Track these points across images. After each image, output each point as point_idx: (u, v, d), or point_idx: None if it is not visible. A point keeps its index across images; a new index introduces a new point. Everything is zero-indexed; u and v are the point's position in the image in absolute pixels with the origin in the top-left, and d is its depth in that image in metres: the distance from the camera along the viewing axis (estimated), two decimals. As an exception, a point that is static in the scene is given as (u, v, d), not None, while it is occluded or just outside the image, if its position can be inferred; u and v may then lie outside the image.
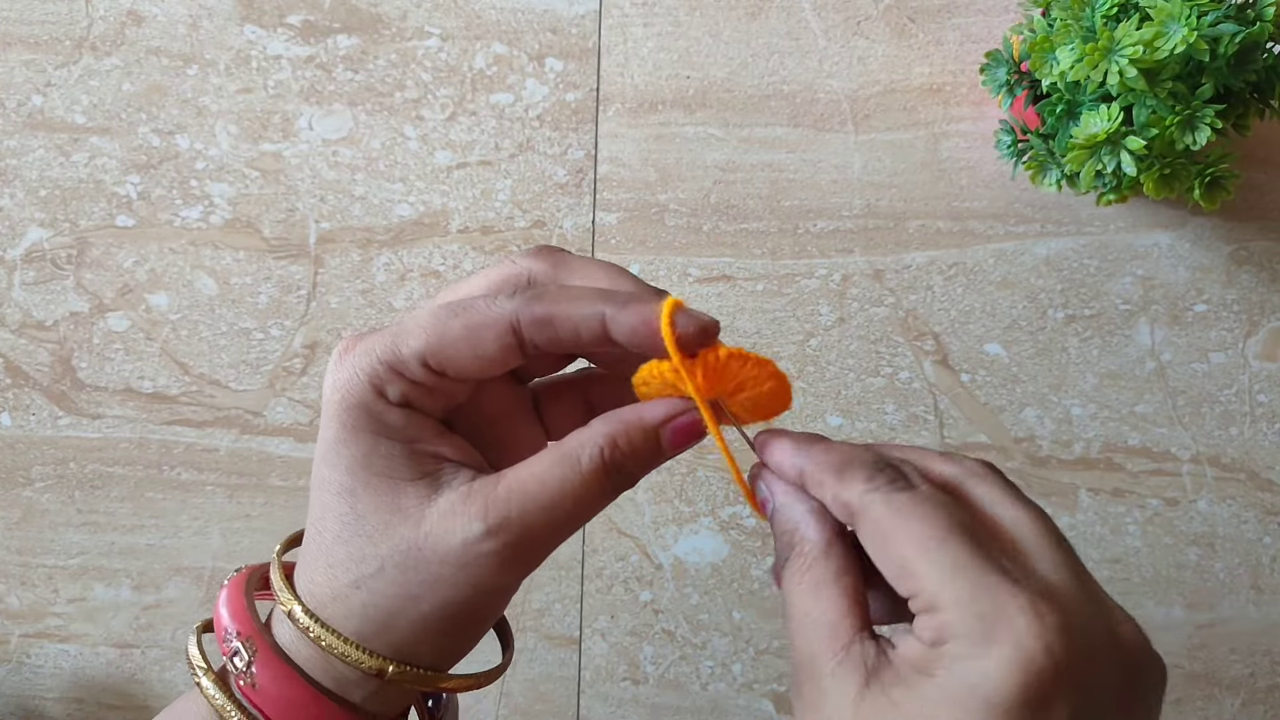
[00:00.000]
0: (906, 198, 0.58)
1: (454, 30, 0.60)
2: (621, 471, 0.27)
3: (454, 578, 0.26)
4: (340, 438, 0.27)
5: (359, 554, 0.27)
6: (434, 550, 0.26)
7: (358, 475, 0.27)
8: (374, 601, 0.27)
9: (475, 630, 0.29)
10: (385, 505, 0.27)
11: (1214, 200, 0.49)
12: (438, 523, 0.26)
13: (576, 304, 0.27)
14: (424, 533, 0.26)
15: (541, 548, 0.27)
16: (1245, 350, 0.57)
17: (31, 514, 0.63)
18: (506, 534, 0.26)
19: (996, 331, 0.58)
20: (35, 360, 0.62)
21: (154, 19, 0.61)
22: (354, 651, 0.27)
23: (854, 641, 0.25)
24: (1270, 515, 0.58)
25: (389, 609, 0.27)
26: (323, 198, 0.60)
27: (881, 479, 0.26)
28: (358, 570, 0.27)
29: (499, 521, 0.26)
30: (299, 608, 0.27)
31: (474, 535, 0.26)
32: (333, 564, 0.27)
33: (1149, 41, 0.43)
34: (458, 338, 0.26)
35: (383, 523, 0.27)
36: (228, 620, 0.28)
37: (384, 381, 0.27)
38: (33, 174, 0.61)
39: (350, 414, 0.27)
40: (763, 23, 0.58)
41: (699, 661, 0.60)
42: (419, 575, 0.26)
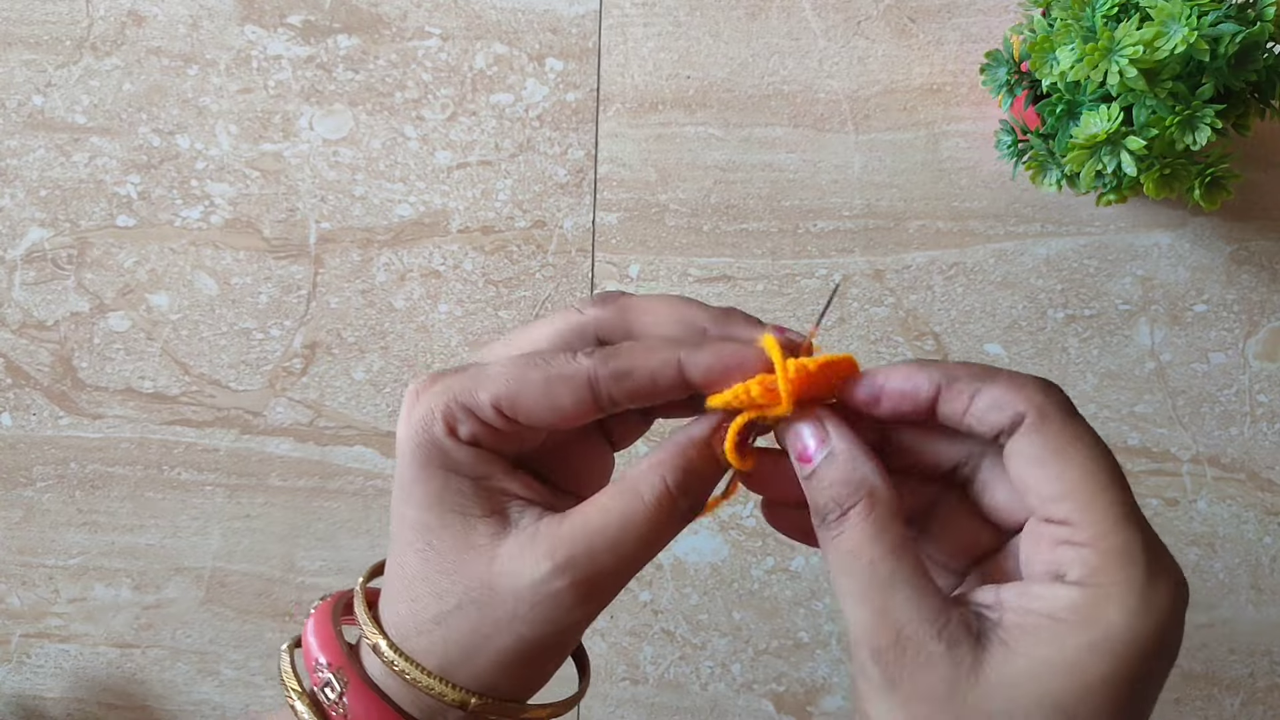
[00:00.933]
0: (907, 198, 0.58)
1: (454, 30, 0.60)
2: (689, 496, 0.27)
3: (527, 616, 0.27)
4: (415, 476, 0.28)
5: (438, 590, 0.28)
6: (506, 589, 0.27)
7: (433, 511, 0.28)
8: (454, 638, 0.27)
9: (553, 663, 0.29)
10: (459, 542, 0.27)
11: (1214, 200, 0.49)
12: (507, 563, 0.27)
13: (651, 354, 0.27)
14: (496, 572, 0.27)
15: (611, 583, 0.27)
16: (1245, 350, 0.57)
17: (32, 514, 0.63)
18: (574, 572, 0.26)
19: (997, 331, 0.58)
20: (36, 360, 0.62)
21: (154, 19, 0.61)
22: (438, 685, 0.27)
23: (950, 606, 0.24)
24: (1270, 515, 0.58)
25: (468, 645, 0.27)
26: (323, 198, 0.60)
27: (1056, 394, 0.25)
28: (438, 606, 0.27)
29: (566, 560, 0.26)
30: (384, 642, 0.28)
31: (542, 575, 0.26)
32: (415, 599, 0.28)
33: (1149, 41, 0.43)
34: (535, 390, 0.27)
35: (458, 559, 0.27)
36: (317, 651, 0.29)
37: (456, 420, 0.27)
38: (33, 174, 0.61)
39: (423, 450, 0.27)
40: (763, 23, 0.58)
41: (698, 662, 0.60)
42: (494, 613, 0.27)
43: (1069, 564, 0.23)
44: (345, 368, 0.61)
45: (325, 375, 0.61)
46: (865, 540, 0.25)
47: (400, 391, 0.60)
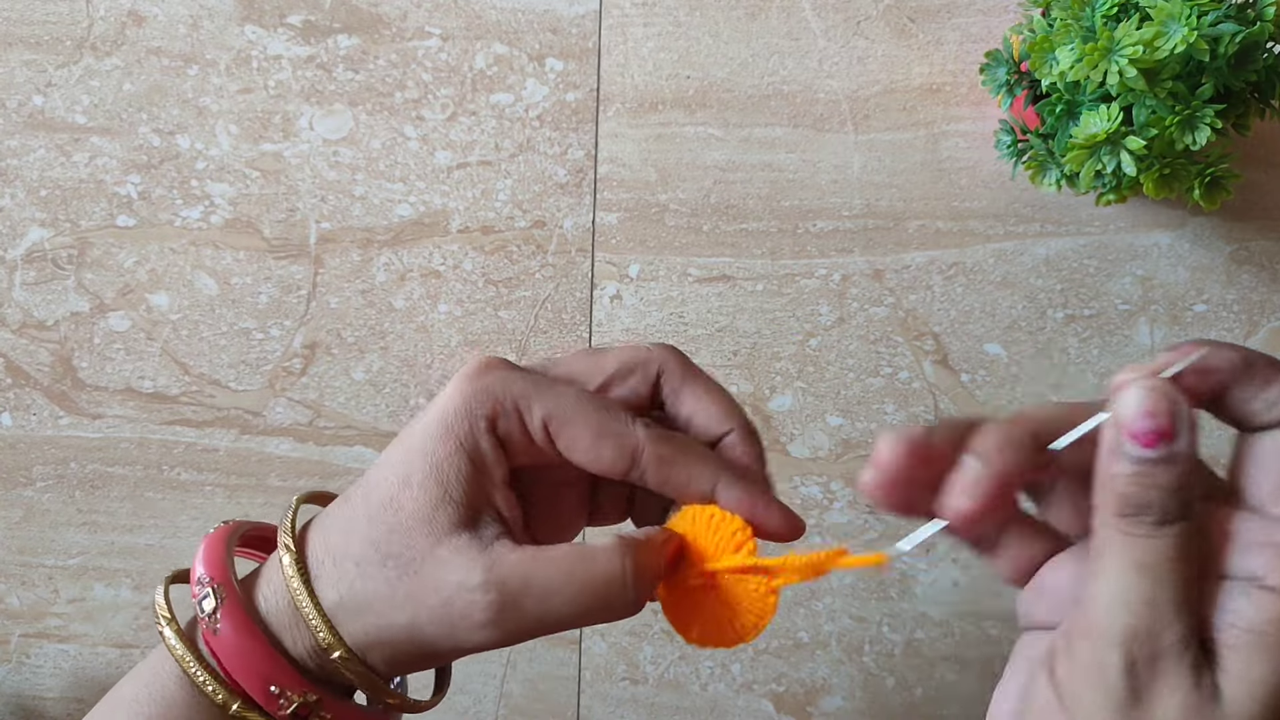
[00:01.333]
0: (906, 198, 0.58)
1: (454, 30, 0.60)
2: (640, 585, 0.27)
3: (435, 611, 0.27)
4: (433, 433, 0.28)
5: (376, 538, 0.28)
6: (431, 575, 0.27)
7: (422, 471, 0.28)
8: (360, 588, 0.28)
9: (428, 662, 0.29)
10: (422, 512, 0.28)
11: (1214, 200, 0.49)
12: (449, 554, 0.27)
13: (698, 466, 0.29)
14: (435, 555, 0.27)
15: (526, 625, 0.27)
16: (1245, 350, 0.57)
17: (32, 514, 0.63)
18: (499, 594, 0.27)
19: (996, 331, 0.58)
20: (36, 360, 0.62)
21: (154, 19, 0.61)
22: (317, 619, 0.28)
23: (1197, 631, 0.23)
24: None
25: (368, 602, 0.28)
26: (323, 198, 0.60)
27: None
28: (365, 551, 0.28)
29: (499, 580, 0.27)
30: (290, 557, 0.28)
31: (470, 581, 0.27)
32: (350, 533, 0.28)
33: (1149, 41, 0.43)
34: (588, 430, 0.28)
35: (412, 524, 0.27)
36: (200, 564, 0.29)
37: (501, 413, 0.28)
38: (33, 174, 0.61)
39: (457, 419, 0.28)
40: (763, 23, 0.58)
41: (698, 662, 0.60)
42: (406, 589, 0.27)
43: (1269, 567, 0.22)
44: (345, 368, 0.61)
45: (325, 375, 0.61)
46: (1175, 556, 0.23)
47: (401, 392, 0.60)
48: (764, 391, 0.59)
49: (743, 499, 0.29)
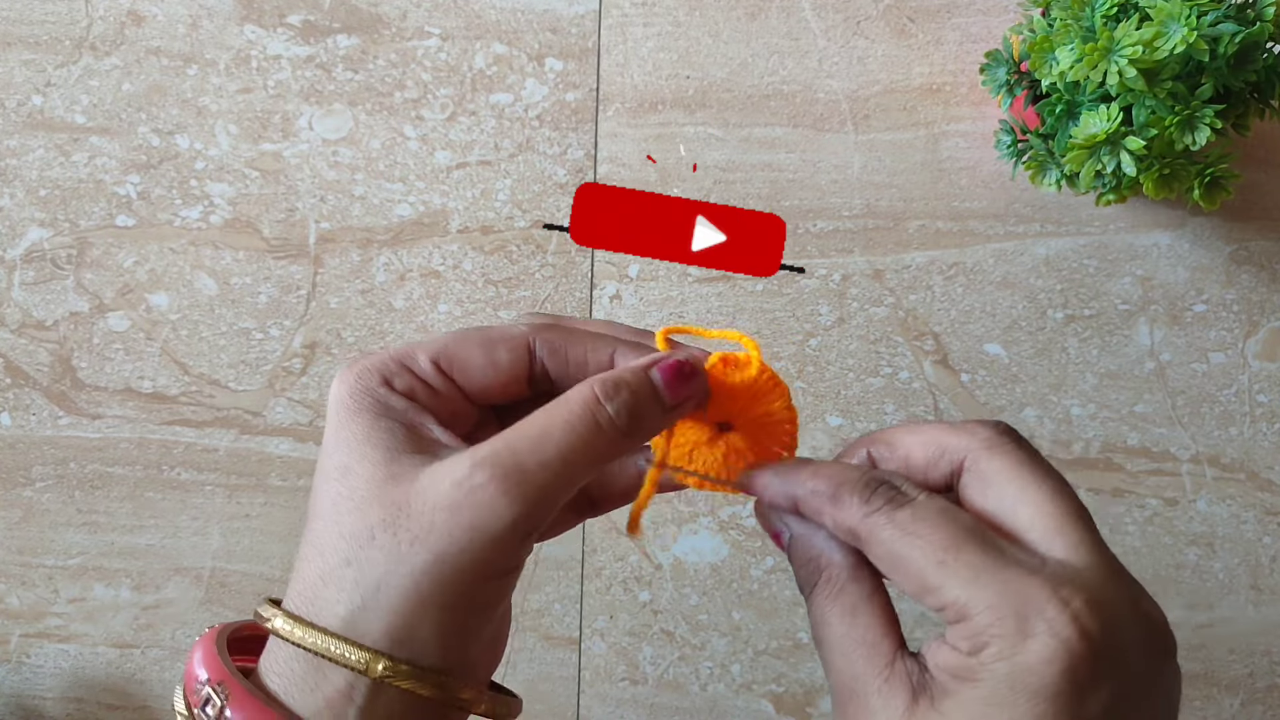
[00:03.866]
0: (906, 198, 0.58)
1: (454, 30, 0.60)
2: (615, 402, 0.26)
3: (444, 524, 0.24)
4: (340, 421, 0.27)
5: (349, 528, 0.25)
6: (423, 501, 0.25)
7: (354, 450, 0.26)
8: (365, 575, 0.25)
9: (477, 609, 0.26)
10: (379, 473, 0.25)
11: (1214, 200, 0.49)
12: (429, 477, 0.25)
13: (591, 337, 0.28)
14: (415, 489, 0.25)
15: (535, 480, 0.25)
16: (1245, 350, 0.57)
17: (32, 514, 0.63)
18: (495, 467, 0.25)
19: (996, 331, 0.58)
20: (35, 360, 0.62)
21: (154, 19, 0.61)
22: (338, 644, 0.24)
23: (896, 660, 0.25)
24: (1269, 515, 0.58)
25: (380, 578, 0.24)
26: (322, 198, 0.60)
27: (878, 499, 0.25)
28: (348, 545, 0.25)
29: (487, 454, 0.25)
30: (280, 619, 0.25)
31: (461, 473, 0.25)
32: (323, 549, 0.25)
33: (1149, 41, 0.43)
34: (471, 346, 0.27)
35: (375, 491, 0.25)
36: (197, 667, 0.26)
37: (391, 374, 0.27)
38: (33, 174, 0.61)
39: (354, 399, 0.27)
40: (762, 23, 0.58)
41: (698, 662, 0.60)
42: (408, 532, 0.24)
43: (959, 639, 0.23)
44: (345, 368, 0.61)
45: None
46: (824, 609, 0.26)
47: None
48: (764, 391, 0.59)
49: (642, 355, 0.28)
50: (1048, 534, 0.24)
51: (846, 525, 0.26)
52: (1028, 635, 0.22)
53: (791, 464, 0.28)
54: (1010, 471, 0.26)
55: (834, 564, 0.27)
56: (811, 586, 0.27)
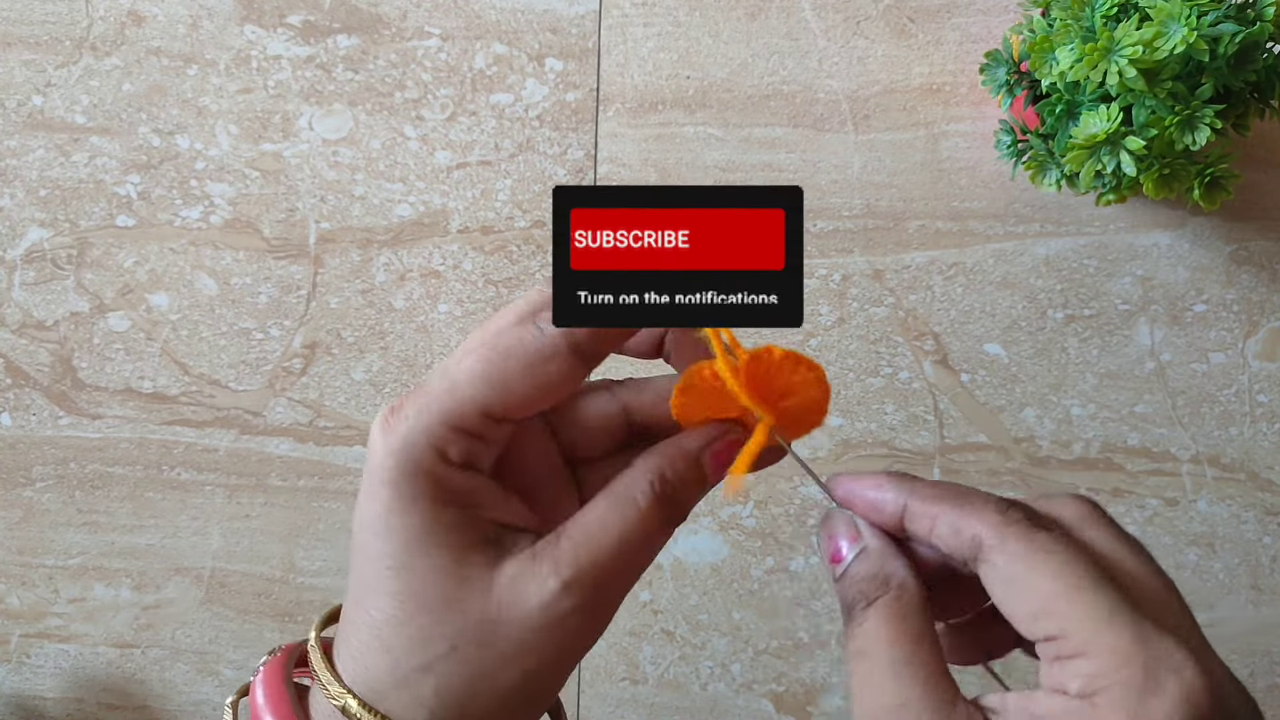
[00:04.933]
0: (906, 198, 0.58)
1: (454, 30, 0.60)
2: (675, 502, 0.26)
3: (536, 644, 0.24)
4: (395, 508, 0.25)
5: (423, 635, 0.24)
6: (512, 619, 0.24)
7: (415, 549, 0.25)
8: (447, 685, 0.24)
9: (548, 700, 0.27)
10: (449, 579, 0.25)
11: (1214, 200, 0.49)
12: (509, 589, 0.24)
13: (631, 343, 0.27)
14: (497, 602, 0.24)
15: (616, 595, 0.26)
16: (1245, 350, 0.57)
17: (32, 514, 0.63)
18: (582, 588, 0.25)
19: (996, 331, 0.58)
20: (36, 360, 0.62)
21: (154, 19, 0.61)
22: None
23: (959, 701, 0.24)
24: (1270, 515, 0.58)
25: (466, 691, 0.24)
26: (323, 198, 0.60)
27: (1016, 513, 0.25)
28: (425, 653, 0.24)
29: (573, 575, 0.24)
30: (354, 702, 0.25)
31: (550, 594, 0.24)
32: (392, 649, 0.25)
33: (1149, 41, 0.43)
34: (520, 378, 0.25)
35: (447, 598, 0.24)
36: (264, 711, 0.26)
37: (446, 443, 0.25)
38: (33, 174, 0.61)
39: (409, 482, 0.25)
40: (762, 23, 0.58)
41: (698, 662, 0.60)
42: (498, 649, 0.24)
43: (1069, 678, 0.22)
44: (345, 368, 0.61)
45: (325, 375, 0.61)
46: (886, 628, 0.25)
47: (401, 391, 0.60)
48: (764, 391, 0.59)
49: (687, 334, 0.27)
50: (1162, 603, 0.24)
51: (972, 532, 0.25)
52: (1156, 691, 0.21)
53: (896, 473, 0.27)
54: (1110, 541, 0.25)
55: (908, 586, 0.26)
56: (870, 601, 0.26)
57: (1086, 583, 0.23)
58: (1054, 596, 0.23)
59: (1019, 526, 0.24)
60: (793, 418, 0.28)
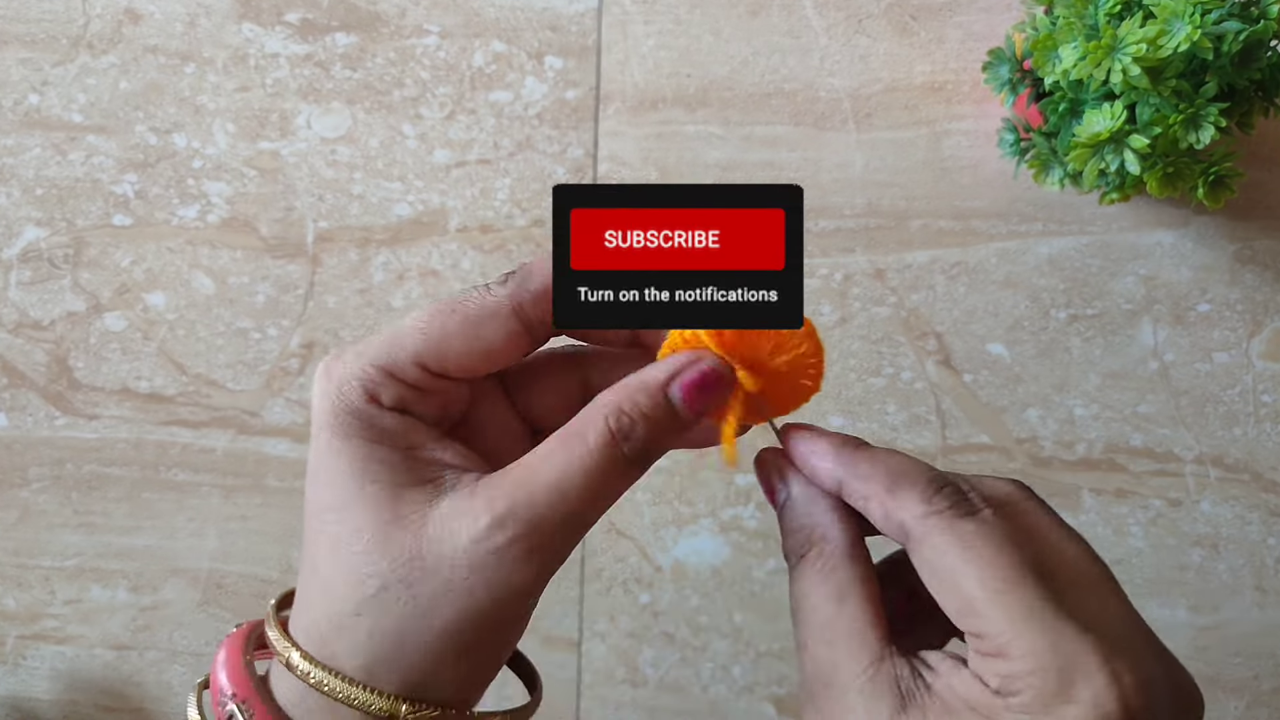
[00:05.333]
0: (908, 196, 0.58)
1: (453, 28, 0.59)
2: (632, 440, 0.24)
3: (467, 583, 0.24)
4: (330, 448, 0.25)
5: (357, 575, 0.24)
6: (440, 555, 0.24)
7: (350, 488, 0.25)
8: (380, 627, 0.24)
9: (497, 650, 0.26)
10: (383, 517, 0.24)
11: (1218, 199, 0.49)
12: (441, 525, 0.24)
13: None
14: (427, 537, 0.24)
15: (557, 537, 0.24)
16: (1249, 350, 0.57)
17: (28, 515, 0.62)
18: (516, 524, 0.24)
19: (999, 331, 0.58)
20: (32, 360, 0.62)
21: (151, 17, 0.60)
22: (360, 693, 0.24)
23: (884, 658, 0.24)
24: (1274, 516, 0.57)
25: (398, 632, 0.24)
26: (321, 196, 0.60)
27: (941, 500, 0.24)
28: (358, 593, 0.24)
29: (507, 510, 0.24)
30: (296, 654, 0.25)
31: (481, 530, 0.24)
32: (330, 592, 0.25)
33: (1152, 39, 0.43)
34: (458, 333, 0.25)
35: (381, 536, 0.24)
36: (224, 682, 0.26)
37: (378, 386, 0.25)
38: (29, 173, 0.61)
39: (340, 421, 0.25)
40: (764, 20, 0.58)
41: (699, 664, 0.60)
42: (427, 587, 0.24)
43: (988, 674, 0.22)
44: (343, 368, 0.60)
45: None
46: (810, 585, 0.25)
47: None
48: (765, 392, 0.58)
49: None
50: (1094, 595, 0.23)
51: (898, 519, 0.24)
52: (1069, 699, 0.21)
53: (846, 439, 0.26)
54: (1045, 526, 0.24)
55: (830, 539, 0.25)
56: (799, 557, 0.25)
57: (1009, 580, 0.22)
58: (980, 594, 0.22)
59: (944, 517, 0.23)
60: (785, 379, 0.26)
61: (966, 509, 0.24)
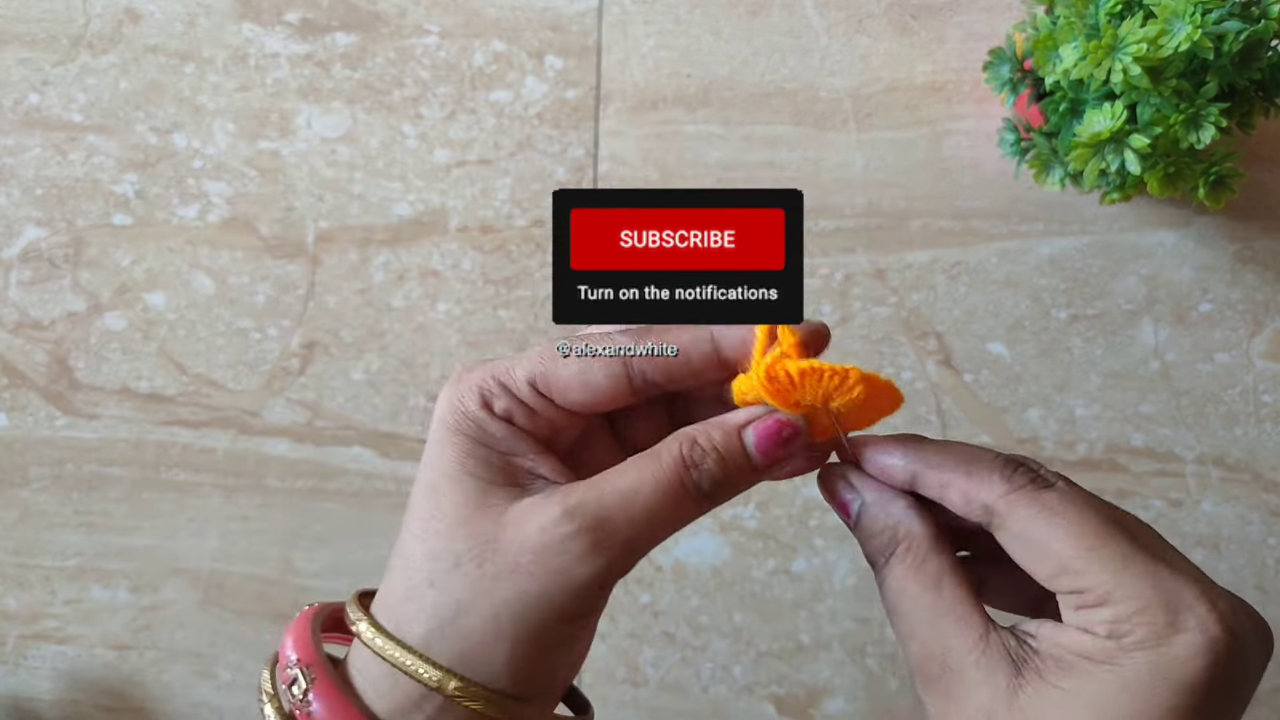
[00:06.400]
0: (909, 196, 0.58)
1: (453, 28, 0.59)
2: (701, 469, 0.26)
3: (530, 566, 0.25)
4: (439, 438, 0.27)
5: (435, 550, 0.26)
6: (510, 539, 0.26)
7: (448, 473, 0.27)
8: (445, 599, 0.26)
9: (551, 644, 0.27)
10: (470, 502, 0.26)
11: (1218, 199, 0.49)
12: (517, 515, 0.26)
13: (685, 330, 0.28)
14: (503, 523, 0.26)
15: (619, 540, 0.26)
16: (1250, 350, 0.57)
17: (28, 515, 0.62)
18: (583, 518, 0.25)
19: (1000, 331, 0.58)
20: (32, 360, 0.62)
21: (151, 16, 0.60)
22: (415, 660, 0.26)
23: (990, 631, 0.25)
24: (1275, 516, 0.57)
25: (459, 604, 0.26)
26: (321, 196, 0.60)
27: (1020, 478, 0.26)
28: (432, 566, 0.26)
29: (576, 504, 0.26)
30: (365, 622, 0.27)
31: (550, 520, 0.25)
32: (409, 565, 0.27)
33: (1153, 39, 0.43)
34: (570, 367, 0.27)
35: (464, 519, 0.26)
36: (289, 648, 0.28)
37: (493, 395, 0.27)
38: (29, 173, 0.61)
39: (454, 418, 0.27)
40: (764, 20, 0.58)
41: (699, 664, 0.60)
42: (494, 566, 0.26)
43: (1094, 624, 0.24)
44: (343, 368, 0.60)
45: (323, 375, 0.60)
46: (905, 579, 0.26)
47: (399, 391, 0.60)
48: (765, 392, 0.58)
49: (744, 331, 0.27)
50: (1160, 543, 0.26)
51: (982, 501, 0.26)
52: (1178, 629, 0.23)
53: (908, 436, 0.28)
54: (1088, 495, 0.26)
55: (914, 534, 0.27)
56: (887, 557, 0.27)
57: (1100, 536, 0.24)
58: (1073, 553, 0.24)
59: (1025, 491, 0.25)
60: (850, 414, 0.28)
61: (1043, 482, 0.26)
